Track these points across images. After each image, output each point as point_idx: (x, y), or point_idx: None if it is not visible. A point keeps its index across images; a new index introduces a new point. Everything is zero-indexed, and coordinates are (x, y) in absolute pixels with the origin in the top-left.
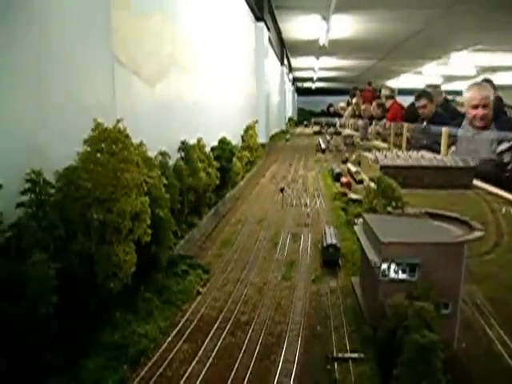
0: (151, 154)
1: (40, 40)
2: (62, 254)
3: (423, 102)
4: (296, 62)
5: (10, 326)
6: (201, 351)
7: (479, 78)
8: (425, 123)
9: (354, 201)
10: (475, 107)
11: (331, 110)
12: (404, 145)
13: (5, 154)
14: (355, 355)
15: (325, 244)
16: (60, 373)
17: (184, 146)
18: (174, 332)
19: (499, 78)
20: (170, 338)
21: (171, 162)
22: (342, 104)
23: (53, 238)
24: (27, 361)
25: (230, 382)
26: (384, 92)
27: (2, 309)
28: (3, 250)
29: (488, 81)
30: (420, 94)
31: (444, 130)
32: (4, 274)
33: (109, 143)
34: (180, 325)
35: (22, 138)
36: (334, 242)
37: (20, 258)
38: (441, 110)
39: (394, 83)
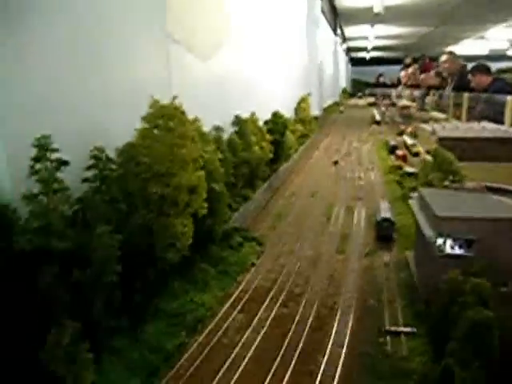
0: (206, 128)
1: (97, 21)
2: (124, 226)
3: None
4: (349, 31)
5: (79, 292)
6: (255, 321)
7: None
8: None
9: (410, 174)
10: None
11: (381, 80)
12: (464, 115)
13: (71, 131)
14: (408, 329)
15: (379, 218)
16: (124, 336)
17: (238, 121)
18: (230, 302)
19: None
20: (225, 308)
21: (225, 136)
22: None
23: (115, 211)
24: (95, 324)
25: (283, 350)
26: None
27: (74, 277)
28: (71, 222)
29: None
30: None
31: (510, 98)
32: (73, 244)
33: (165, 120)
34: (235, 295)
35: (85, 114)
36: (389, 216)
37: (86, 230)
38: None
39: (455, 50)
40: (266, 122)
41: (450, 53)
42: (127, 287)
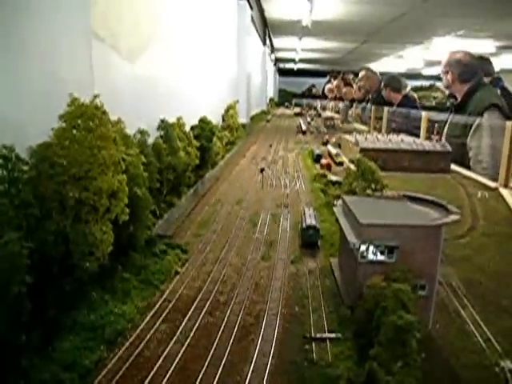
0: (130, 131)
1: (15, 11)
2: (36, 233)
3: None
4: (278, 42)
5: None
6: (179, 331)
7: None
8: (395, 107)
9: (334, 182)
10: None
11: (313, 90)
12: (384, 128)
13: None
14: (333, 335)
15: (304, 225)
16: (34, 354)
17: (163, 125)
18: (152, 312)
19: None
20: (147, 318)
21: (150, 141)
22: (329, 86)
23: (26, 217)
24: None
25: (208, 361)
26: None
27: None
28: None
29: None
30: None
31: (424, 114)
32: None
33: (85, 119)
34: (158, 305)
35: None
36: (314, 223)
37: None
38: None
39: (376, 66)
40: (192, 128)
41: (368, 69)
42: (40, 299)
